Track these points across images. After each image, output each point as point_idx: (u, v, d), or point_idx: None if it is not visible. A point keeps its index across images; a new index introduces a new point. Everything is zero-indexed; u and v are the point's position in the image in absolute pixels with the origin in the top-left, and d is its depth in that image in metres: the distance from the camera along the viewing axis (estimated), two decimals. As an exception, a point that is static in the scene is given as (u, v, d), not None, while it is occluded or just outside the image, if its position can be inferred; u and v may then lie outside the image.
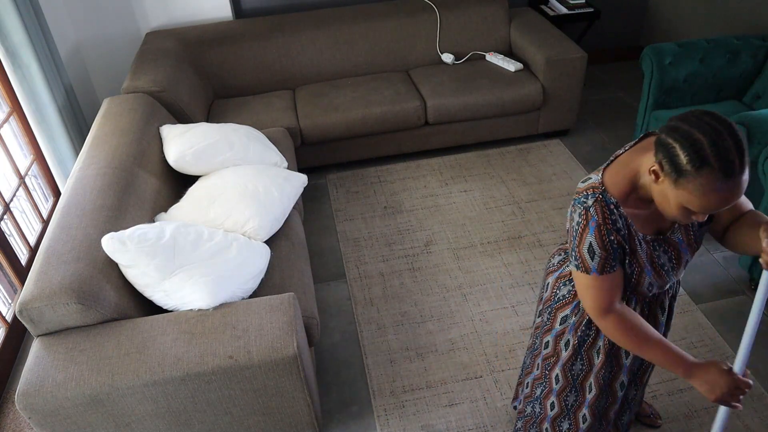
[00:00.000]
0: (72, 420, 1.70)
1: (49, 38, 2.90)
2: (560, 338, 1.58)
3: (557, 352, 1.61)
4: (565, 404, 1.67)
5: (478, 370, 2.32)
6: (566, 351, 1.58)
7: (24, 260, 2.70)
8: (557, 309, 1.57)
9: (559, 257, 1.61)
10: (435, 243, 2.94)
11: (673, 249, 1.36)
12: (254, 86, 3.56)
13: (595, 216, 1.27)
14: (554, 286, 1.58)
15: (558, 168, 3.42)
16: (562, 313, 1.56)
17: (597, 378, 1.58)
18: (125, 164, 2.29)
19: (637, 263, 1.34)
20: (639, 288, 1.40)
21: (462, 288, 2.68)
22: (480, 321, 2.52)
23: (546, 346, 1.65)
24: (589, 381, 1.60)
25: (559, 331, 1.58)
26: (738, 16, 3.56)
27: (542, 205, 3.14)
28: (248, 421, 1.85)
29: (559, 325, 1.57)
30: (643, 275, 1.36)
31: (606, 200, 1.27)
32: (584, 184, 1.33)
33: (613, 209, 1.27)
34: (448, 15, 3.64)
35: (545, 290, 1.63)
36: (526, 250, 2.86)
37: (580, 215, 1.29)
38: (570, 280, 1.53)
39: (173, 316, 1.81)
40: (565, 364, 1.60)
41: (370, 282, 2.74)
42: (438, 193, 3.28)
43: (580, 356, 1.56)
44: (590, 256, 1.30)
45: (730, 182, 1.09)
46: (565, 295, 1.54)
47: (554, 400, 1.68)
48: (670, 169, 1.13)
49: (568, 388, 1.63)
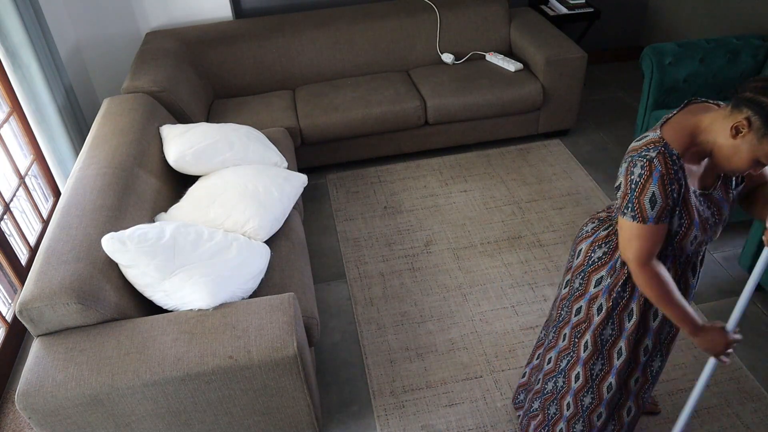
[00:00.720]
0: (72, 420, 1.70)
1: (49, 38, 2.90)
2: (593, 302, 1.63)
3: (589, 317, 1.65)
4: (590, 373, 1.70)
5: (478, 370, 2.32)
6: (598, 315, 1.62)
7: (24, 260, 2.70)
8: (591, 272, 1.62)
9: (592, 224, 1.66)
10: (435, 243, 2.94)
11: (715, 205, 1.47)
12: (254, 86, 3.56)
13: (659, 166, 1.35)
14: (588, 251, 1.63)
15: (558, 168, 3.42)
16: (597, 275, 1.61)
17: (628, 341, 1.63)
18: (125, 164, 2.29)
19: (688, 215, 1.42)
20: (684, 242, 1.48)
21: (462, 288, 2.68)
22: (480, 321, 2.52)
23: (578, 313, 1.68)
24: (617, 346, 1.65)
25: (593, 295, 1.62)
26: (738, 16, 3.55)
27: (542, 205, 3.14)
28: (248, 421, 1.85)
29: (593, 287, 1.62)
30: (691, 228, 1.45)
31: (669, 152, 1.36)
32: (640, 141, 1.42)
33: (675, 160, 1.36)
34: (448, 15, 3.64)
35: (576, 257, 1.68)
36: (526, 250, 2.86)
37: (643, 167, 1.37)
38: (605, 243, 1.60)
39: (173, 316, 1.81)
40: (596, 330, 1.64)
41: (370, 282, 2.74)
42: (438, 193, 3.28)
43: (612, 320, 1.62)
44: (651, 205, 1.38)
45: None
46: (601, 257, 1.60)
47: (580, 371, 1.71)
48: (761, 125, 1.25)
49: (596, 355, 1.67)
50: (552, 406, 1.84)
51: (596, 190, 3.22)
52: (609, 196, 3.18)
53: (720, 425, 2.09)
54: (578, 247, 1.67)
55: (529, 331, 2.47)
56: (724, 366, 2.28)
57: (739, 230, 2.92)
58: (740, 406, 2.15)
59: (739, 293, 2.58)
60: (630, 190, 1.39)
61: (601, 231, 1.62)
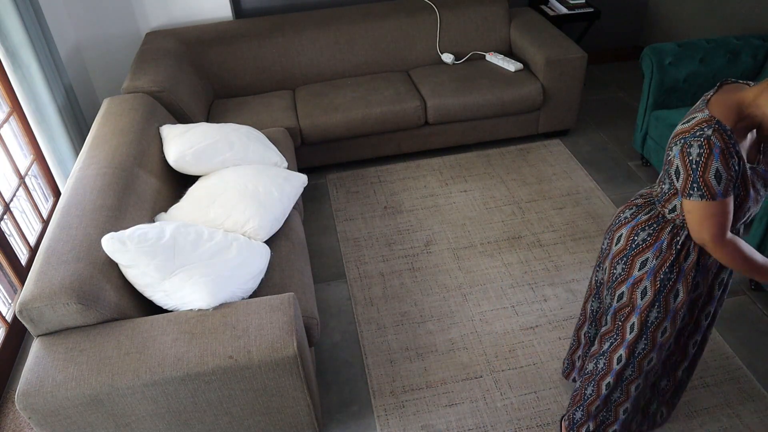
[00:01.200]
0: (72, 420, 1.70)
1: (49, 38, 2.90)
2: (637, 286, 1.64)
3: (632, 301, 1.66)
4: (632, 352, 1.71)
5: (478, 370, 2.32)
6: (643, 299, 1.63)
7: (24, 260, 2.70)
8: (634, 255, 1.63)
9: (629, 211, 1.68)
10: (435, 243, 2.94)
11: (761, 177, 1.50)
12: (254, 86, 3.56)
13: (718, 143, 1.38)
14: (629, 236, 1.65)
15: (558, 168, 3.42)
16: (641, 257, 1.62)
17: (674, 321, 1.64)
18: (125, 164, 2.29)
19: (744, 186, 1.46)
20: (739, 213, 1.51)
21: (462, 288, 2.68)
22: (480, 321, 2.52)
23: (620, 298, 1.69)
24: (662, 327, 1.66)
25: (637, 279, 1.63)
26: (738, 16, 3.56)
27: (542, 205, 3.14)
28: (248, 421, 1.85)
29: (637, 271, 1.63)
30: (747, 200, 1.48)
31: (723, 128, 1.40)
32: (689, 123, 1.45)
33: (730, 135, 1.40)
34: (448, 15, 3.64)
35: (616, 243, 1.68)
36: (526, 250, 2.86)
37: (701, 146, 1.39)
38: (648, 226, 1.61)
39: (173, 316, 1.81)
40: (641, 313, 1.65)
41: (370, 282, 2.74)
42: (438, 193, 3.28)
43: (658, 303, 1.62)
44: (717, 181, 1.40)
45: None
46: (645, 238, 1.61)
47: (622, 353, 1.73)
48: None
49: (640, 337, 1.68)
50: (589, 387, 1.86)
51: (596, 190, 3.22)
52: (609, 195, 3.18)
53: (720, 425, 2.09)
54: (617, 233, 1.69)
55: (529, 331, 2.46)
56: (724, 366, 2.28)
57: (739, 230, 2.92)
58: (740, 406, 2.15)
59: (739, 293, 2.59)
60: (692, 171, 1.41)
61: (642, 215, 1.64)
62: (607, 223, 3.00)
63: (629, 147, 3.59)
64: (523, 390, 2.24)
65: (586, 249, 2.85)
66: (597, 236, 2.92)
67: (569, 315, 2.52)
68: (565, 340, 2.41)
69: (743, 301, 2.55)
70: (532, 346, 2.40)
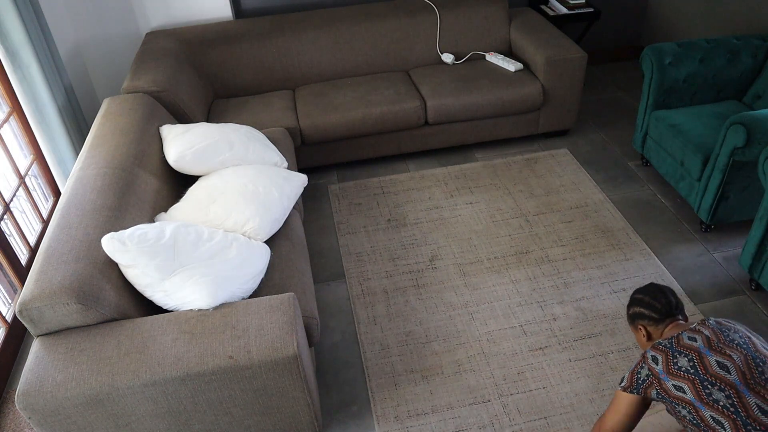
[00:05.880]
0: (72, 420, 1.70)
1: (49, 38, 2.90)
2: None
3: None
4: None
5: (485, 393, 2.22)
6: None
7: (24, 260, 2.70)
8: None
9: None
10: (440, 258, 2.84)
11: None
12: (254, 86, 3.56)
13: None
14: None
15: (566, 179, 3.33)
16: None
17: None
18: (125, 164, 2.29)
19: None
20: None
21: (468, 306, 2.59)
22: (487, 341, 2.42)
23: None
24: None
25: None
26: (738, 16, 3.56)
27: (550, 218, 3.05)
28: (248, 421, 1.85)
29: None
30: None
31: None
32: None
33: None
34: (448, 15, 3.64)
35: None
36: (534, 266, 2.77)
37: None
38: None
39: (173, 316, 1.81)
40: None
41: (373, 299, 2.65)
42: (443, 205, 3.18)
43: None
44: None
45: None
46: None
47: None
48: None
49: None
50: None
51: (605, 203, 3.12)
52: (610, 196, 3.18)
53: (720, 425, 2.08)
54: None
55: (538, 352, 2.36)
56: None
57: (739, 230, 2.92)
58: (740, 406, 2.14)
59: (739, 293, 2.59)
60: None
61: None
62: (618, 237, 2.88)
63: (629, 147, 3.59)
64: (532, 415, 2.14)
65: (596, 265, 2.75)
66: (607, 251, 2.82)
67: (579, 335, 2.42)
68: (575, 362, 2.32)
69: (743, 301, 2.55)
70: (541, 369, 2.31)
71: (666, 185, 3.25)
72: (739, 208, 2.77)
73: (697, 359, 1.48)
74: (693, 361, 1.48)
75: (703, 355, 1.48)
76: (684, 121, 2.94)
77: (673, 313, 1.67)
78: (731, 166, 2.58)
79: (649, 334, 1.69)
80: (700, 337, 1.52)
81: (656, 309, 1.67)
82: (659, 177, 3.31)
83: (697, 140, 2.80)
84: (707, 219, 2.81)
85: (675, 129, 2.92)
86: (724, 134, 2.56)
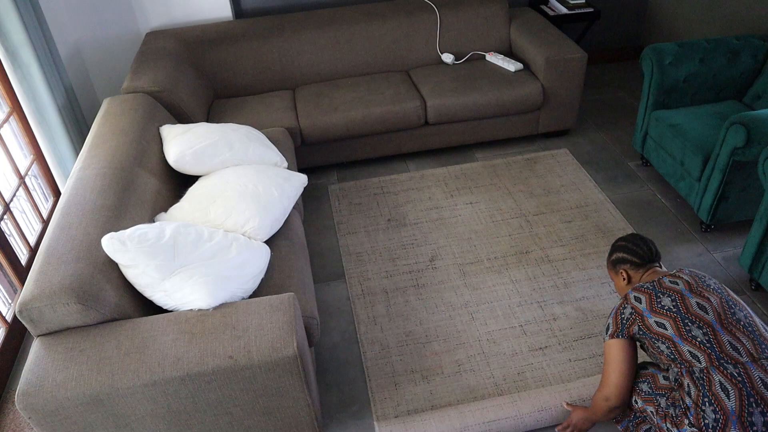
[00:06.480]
0: (72, 420, 1.70)
1: (49, 38, 2.90)
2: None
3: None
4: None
5: (485, 394, 2.22)
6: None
7: (24, 260, 2.70)
8: None
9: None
10: (440, 258, 2.85)
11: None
12: (254, 86, 3.56)
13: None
14: None
15: (566, 179, 3.33)
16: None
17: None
18: (125, 164, 2.29)
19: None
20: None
21: (468, 306, 2.59)
22: (487, 341, 2.42)
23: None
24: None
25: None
26: (738, 16, 3.56)
27: (550, 218, 3.05)
28: (248, 421, 1.85)
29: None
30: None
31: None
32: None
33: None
34: (448, 15, 3.64)
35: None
36: (534, 266, 2.77)
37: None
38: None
39: (173, 316, 1.81)
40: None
41: (373, 299, 2.65)
42: (443, 205, 3.19)
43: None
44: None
45: None
46: None
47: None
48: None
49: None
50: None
51: (606, 203, 3.12)
52: (609, 196, 3.18)
53: (720, 425, 2.08)
54: None
55: (538, 352, 2.36)
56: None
57: (739, 230, 2.92)
58: (740, 406, 2.14)
59: (739, 293, 2.59)
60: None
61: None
62: (618, 236, 2.84)
63: (629, 147, 3.59)
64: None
65: (596, 265, 2.75)
66: (606, 251, 2.82)
67: (579, 335, 2.42)
68: (575, 362, 2.32)
69: (743, 301, 2.55)
70: (541, 369, 2.31)
71: (666, 185, 3.25)
72: (739, 208, 2.77)
73: (680, 299, 1.66)
74: (675, 301, 1.66)
75: (685, 296, 1.66)
76: (684, 121, 2.94)
77: (654, 259, 1.85)
78: (731, 166, 2.58)
79: (630, 277, 1.87)
80: (680, 282, 1.70)
81: (638, 254, 1.86)
82: (659, 177, 3.31)
83: (697, 140, 2.80)
84: (707, 219, 2.81)
85: (675, 129, 2.92)
86: (724, 134, 2.56)
